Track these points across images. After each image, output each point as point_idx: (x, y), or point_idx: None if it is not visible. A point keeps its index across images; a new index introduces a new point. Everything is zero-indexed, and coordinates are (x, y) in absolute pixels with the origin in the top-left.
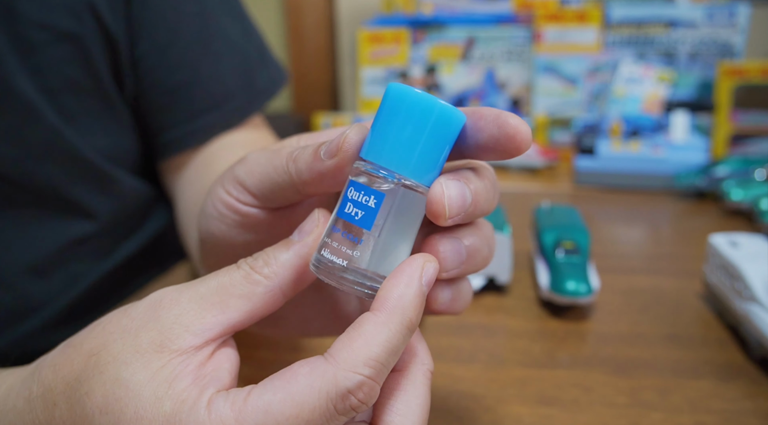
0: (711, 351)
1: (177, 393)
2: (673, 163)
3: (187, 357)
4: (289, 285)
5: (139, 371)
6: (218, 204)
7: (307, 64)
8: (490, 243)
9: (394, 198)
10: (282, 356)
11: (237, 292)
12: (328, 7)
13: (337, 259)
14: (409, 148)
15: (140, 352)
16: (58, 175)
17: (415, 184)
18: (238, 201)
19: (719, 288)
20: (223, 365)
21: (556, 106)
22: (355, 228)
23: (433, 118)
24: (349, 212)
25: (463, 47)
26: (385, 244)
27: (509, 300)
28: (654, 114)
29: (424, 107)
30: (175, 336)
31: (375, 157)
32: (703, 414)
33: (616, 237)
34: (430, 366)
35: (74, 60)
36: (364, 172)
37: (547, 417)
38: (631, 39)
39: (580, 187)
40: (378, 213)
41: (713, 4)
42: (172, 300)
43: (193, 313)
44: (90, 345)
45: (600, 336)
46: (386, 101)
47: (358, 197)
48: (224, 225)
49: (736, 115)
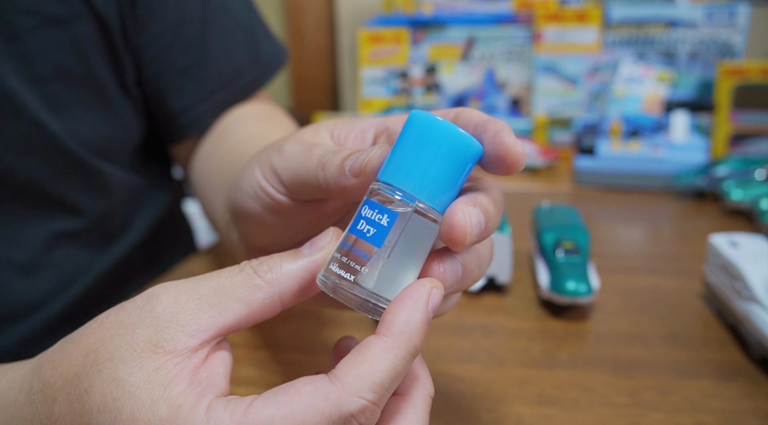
0: (711, 351)
1: (173, 398)
2: (673, 163)
3: (183, 360)
4: (289, 296)
5: (135, 371)
6: (255, 185)
7: (307, 64)
8: (482, 263)
9: (406, 220)
10: (282, 356)
11: (236, 295)
12: (328, 7)
13: (345, 274)
14: (426, 173)
15: (137, 351)
16: (40, 169)
17: (429, 208)
18: (273, 188)
19: (719, 288)
20: (217, 369)
21: (556, 106)
22: (365, 244)
23: (451, 147)
24: (361, 229)
25: (463, 47)
26: (393, 266)
27: (509, 300)
28: (654, 114)
29: (443, 135)
30: (171, 336)
31: (392, 179)
32: (703, 414)
33: (616, 237)
34: (431, 391)
35: (63, 46)
36: (380, 193)
37: (547, 417)
38: (631, 39)
39: (580, 187)
40: (390, 232)
41: (713, 4)
42: (170, 297)
43: (189, 313)
44: (88, 342)
45: (600, 336)
46: (408, 127)
47: (371, 215)
48: (259, 205)
49: (736, 115)
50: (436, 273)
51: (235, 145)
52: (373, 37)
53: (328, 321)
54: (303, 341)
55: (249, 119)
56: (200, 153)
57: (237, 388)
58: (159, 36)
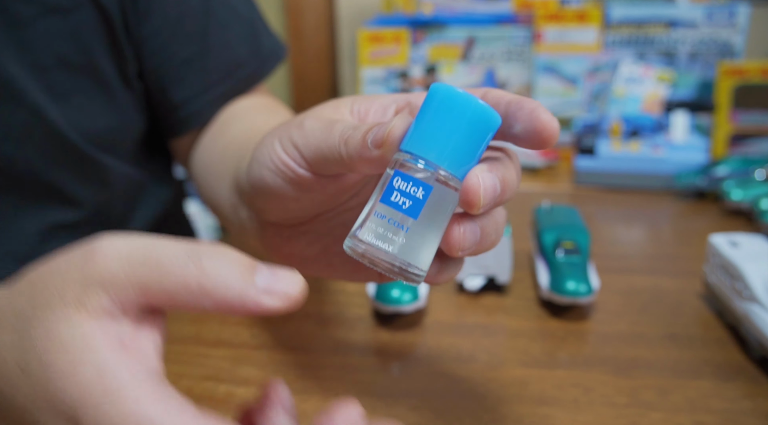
0: (711, 351)
1: (99, 362)
2: (673, 163)
3: (106, 324)
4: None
5: (64, 328)
6: (276, 159)
7: (307, 64)
8: (498, 229)
9: (436, 191)
10: (282, 356)
11: (173, 271)
12: (328, 7)
13: (382, 244)
14: (447, 142)
15: (65, 303)
16: (38, 158)
17: (450, 175)
18: (294, 162)
19: (719, 288)
20: (143, 342)
21: (556, 106)
22: (400, 215)
23: (472, 117)
24: (396, 201)
25: (463, 47)
26: (420, 232)
27: (509, 300)
28: (654, 114)
29: (464, 106)
30: (94, 294)
31: (415, 148)
32: (702, 414)
33: (616, 237)
34: None
35: (63, 35)
36: (405, 163)
37: (547, 417)
38: (631, 39)
39: (580, 186)
40: (426, 203)
41: (713, 4)
42: (106, 253)
43: (119, 276)
44: (35, 278)
45: (600, 336)
46: (429, 99)
47: (406, 187)
48: (279, 179)
49: (736, 115)
50: (456, 234)
51: (238, 133)
52: (373, 37)
53: (328, 321)
54: (303, 341)
55: (251, 110)
56: (201, 143)
57: (237, 388)
58: (160, 28)
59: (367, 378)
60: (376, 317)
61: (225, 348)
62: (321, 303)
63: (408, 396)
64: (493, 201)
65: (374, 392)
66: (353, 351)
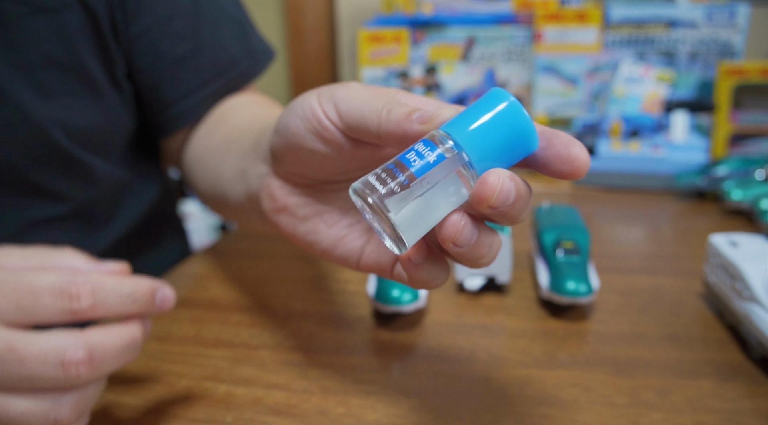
0: (711, 351)
1: None
2: (673, 163)
3: None
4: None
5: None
6: (307, 109)
7: (307, 64)
8: (492, 251)
9: (448, 171)
10: (282, 356)
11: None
12: (328, 7)
13: (379, 185)
14: (484, 138)
15: None
16: (21, 156)
17: (471, 164)
18: (326, 116)
19: (719, 288)
20: None
21: (556, 106)
22: (406, 170)
23: (517, 127)
24: (408, 158)
25: (463, 47)
26: (418, 208)
27: (509, 300)
28: (654, 114)
29: (516, 117)
30: None
31: (453, 132)
32: (703, 414)
33: (616, 237)
34: None
35: (51, 34)
36: (435, 135)
37: (547, 417)
38: (631, 39)
39: (580, 186)
40: (433, 169)
41: (713, 4)
42: None
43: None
44: None
45: (600, 336)
46: (486, 98)
47: (422, 150)
48: (303, 126)
49: (736, 115)
50: (455, 221)
51: (239, 122)
52: (373, 37)
53: (328, 321)
54: (303, 341)
55: (248, 103)
56: (195, 137)
57: (236, 388)
58: (151, 27)
59: (367, 378)
60: (376, 317)
61: (224, 348)
62: (321, 303)
63: (408, 396)
64: (504, 204)
65: (374, 392)
66: (353, 351)
